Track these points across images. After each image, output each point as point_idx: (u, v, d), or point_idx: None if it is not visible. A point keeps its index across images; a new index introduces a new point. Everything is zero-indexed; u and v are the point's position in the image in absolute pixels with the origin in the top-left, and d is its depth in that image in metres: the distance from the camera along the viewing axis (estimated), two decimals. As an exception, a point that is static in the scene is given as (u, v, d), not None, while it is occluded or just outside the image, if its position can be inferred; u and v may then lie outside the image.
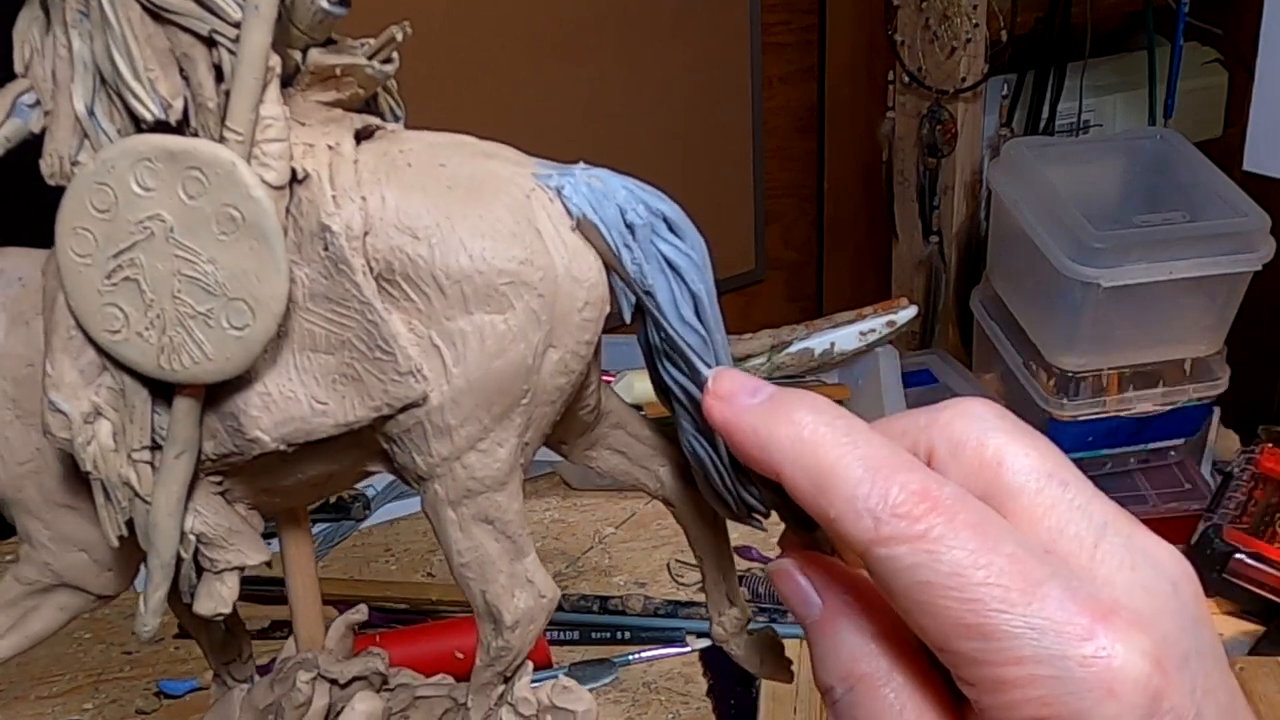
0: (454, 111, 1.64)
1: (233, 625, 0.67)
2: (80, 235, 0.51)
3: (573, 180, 0.54)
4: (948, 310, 1.86)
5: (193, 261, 0.50)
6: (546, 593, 0.58)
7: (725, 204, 1.98)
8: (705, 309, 0.55)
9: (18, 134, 0.53)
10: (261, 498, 0.58)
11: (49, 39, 0.52)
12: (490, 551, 0.56)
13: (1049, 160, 1.60)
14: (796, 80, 2.02)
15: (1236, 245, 1.45)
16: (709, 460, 0.56)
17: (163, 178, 0.49)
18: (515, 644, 0.58)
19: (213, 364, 0.51)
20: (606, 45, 1.76)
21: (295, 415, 0.53)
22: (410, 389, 0.52)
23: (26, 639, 0.61)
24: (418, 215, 0.52)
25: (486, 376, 0.52)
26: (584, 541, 1.02)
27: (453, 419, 0.53)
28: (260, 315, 0.50)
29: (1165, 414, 1.56)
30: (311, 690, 0.64)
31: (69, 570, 0.59)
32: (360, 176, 0.52)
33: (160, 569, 0.55)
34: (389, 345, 0.52)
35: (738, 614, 0.65)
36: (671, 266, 0.54)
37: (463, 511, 0.55)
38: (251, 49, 0.49)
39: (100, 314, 0.51)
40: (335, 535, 1.04)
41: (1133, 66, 1.84)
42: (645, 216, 0.53)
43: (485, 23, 1.64)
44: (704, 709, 0.83)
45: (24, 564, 0.59)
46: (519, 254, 0.52)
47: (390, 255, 0.52)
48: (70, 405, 0.52)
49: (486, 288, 0.52)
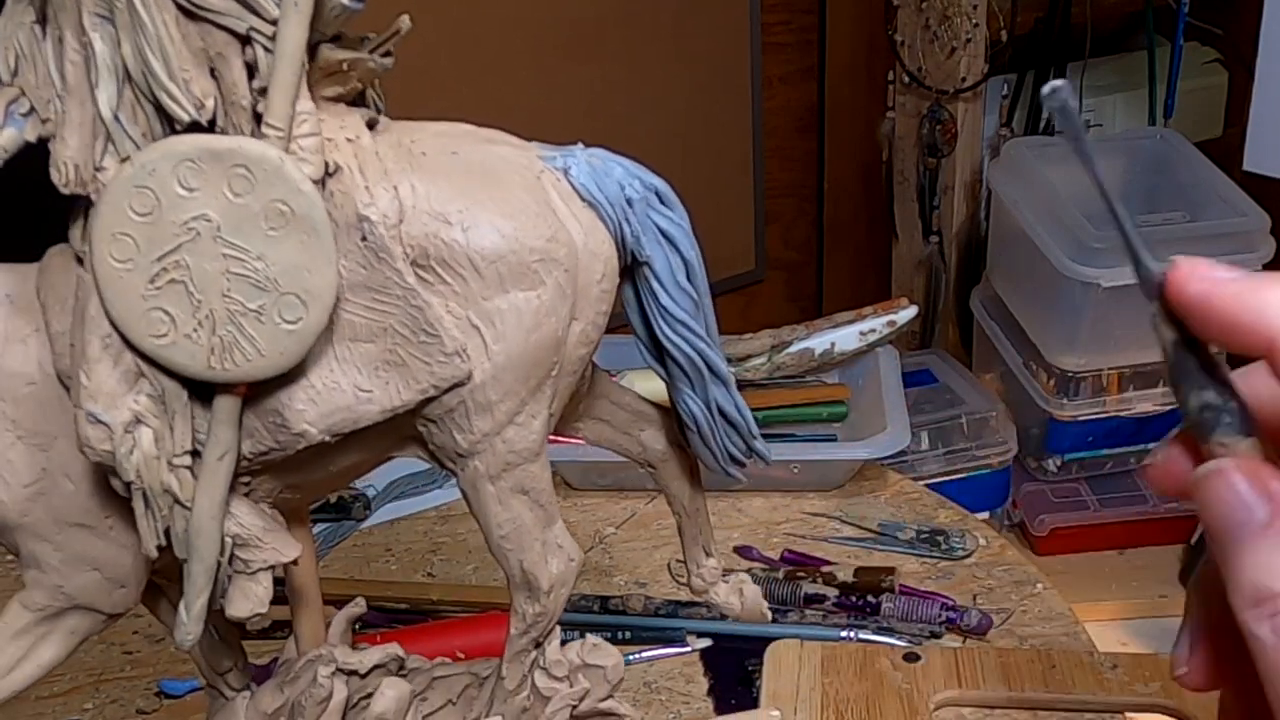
0: (455, 110, 1.63)
1: (225, 634, 0.66)
2: (120, 241, 0.50)
3: (576, 160, 0.57)
4: (948, 310, 1.86)
5: (241, 259, 0.50)
6: (575, 556, 0.61)
7: (725, 204, 1.98)
8: (695, 273, 0.58)
9: (14, 143, 0.51)
10: (283, 495, 0.58)
11: (45, 44, 0.51)
12: (526, 521, 0.58)
13: (1049, 160, 1.60)
14: (796, 80, 2.02)
15: (1236, 245, 1.45)
16: (703, 416, 0.62)
17: (208, 177, 0.49)
18: (550, 608, 0.61)
19: (265, 360, 0.51)
20: (607, 45, 1.76)
21: (341, 405, 0.54)
22: (457, 369, 0.54)
23: (39, 668, 0.60)
24: (447, 201, 0.53)
25: (525, 351, 0.55)
26: (584, 541, 1.02)
27: (494, 395, 0.55)
28: (313, 307, 0.51)
29: (1165, 414, 1.56)
30: (333, 684, 0.63)
31: (81, 591, 0.58)
32: (385, 166, 0.53)
33: (204, 574, 0.55)
34: (434, 328, 0.53)
35: (714, 564, 0.69)
36: (665, 236, 0.57)
37: (501, 485, 0.57)
38: (290, 45, 0.49)
39: (144, 319, 0.51)
40: (335, 535, 1.04)
41: (1133, 66, 1.84)
42: (641, 191, 0.56)
43: (486, 22, 1.64)
44: (704, 709, 0.83)
45: (32, 590, 0.57)
46: (545, 232, 0.54)
47: (425, 241, 0.53)
48: (111, 415, 0.52)
49: (520, 266, 0.54)
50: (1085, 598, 1.45)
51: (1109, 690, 0.76)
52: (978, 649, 0.82)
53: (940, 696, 0.77)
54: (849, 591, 0.91)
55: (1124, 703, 0.76)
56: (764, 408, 1.09)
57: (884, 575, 0.92)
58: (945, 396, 1.60)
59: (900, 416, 1.05)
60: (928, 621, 0.88)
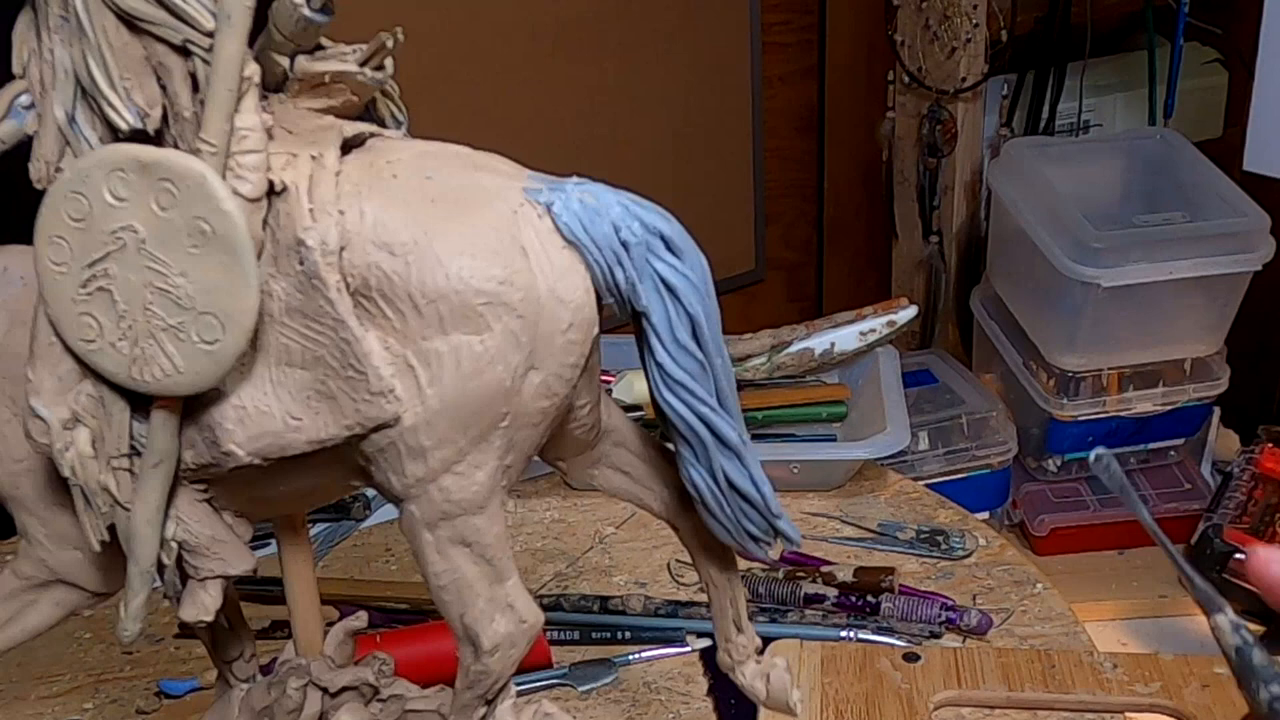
0: (454, 111, 1.65)
1: (236, 624, 0.67)
2: (56, 244, 0.51)
3: (564, 196, 0.52)
4: (948, 310, 1.86)
5: (164, 274, 0.50)
6: (528, 618, 0.56)
7: (725, 204, 1.98)
8: (704, 332, 0.53)
9: (13, 135, 0.53)
10: (248, 506, 0.58)
11: (41, 43, 0.52)
12: (468, 575, 0.55)
13: (1049, 160, 1.60)
14: (796, 80, 2.02)
15: (1236, 245, 1.45)
16: (708, 490, 0.55)
17: (135, 189, 0.49)
18: (494, 668, 0.57)
19: (184, 377, 0.50)
20: (606, 45, 1.76)
21: (269, 430, 0.52)
22: (381, 410, 0.51)
23: (24, 632, 0.61)
24: (396, 231, 0.50)
25: (462, 398, 0.51)
26: (584, 541, 1.02)
27: (427, 441, 0.52)
28: (230, 330, 0.50)
29: (1165, 414, 1.56)
30: (303, 697, 0.64)
31: (64, 567, 0.59)
32: (341, 189, 0.51)
33: (139, 575, 0.55)
34: (361, 364, 0.51)
35: (745, 641, 0.64)
36: (668, 287, 0.52)
37: (439, 534, 0.54)
38: (224, 59, 0.48)
39: (76, 323, 0.51)
40: (335, 535, 1.04)
41: (1133, 66, 1.84)
42: (640, 234, 0.52)
43: (486, 23, 1.64)
44: (704, 709, 0.83)
45: (22, 559, 0.60)
46: (498, 273, 0.50)
47: (367, 271, 0.50)
48: (49, 411, 0.52)
49: (463, 308, 0.50)
50: (1085, 598, 1.45)
51: (1108, 690, 0.76)
52: (977, 649, 0.82)
53: (940, 696, 0.77)
54: (849, 591, 0.91)
55: (1124, 703, 0.76)
56: (764, 408, 1.09)
57: (884, 575, 0.92)
58: (945, 396, 1.60)
59: (900, 416, 1.05)
60: (927, 621, 0.88)
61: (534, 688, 0.85)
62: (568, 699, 0.85)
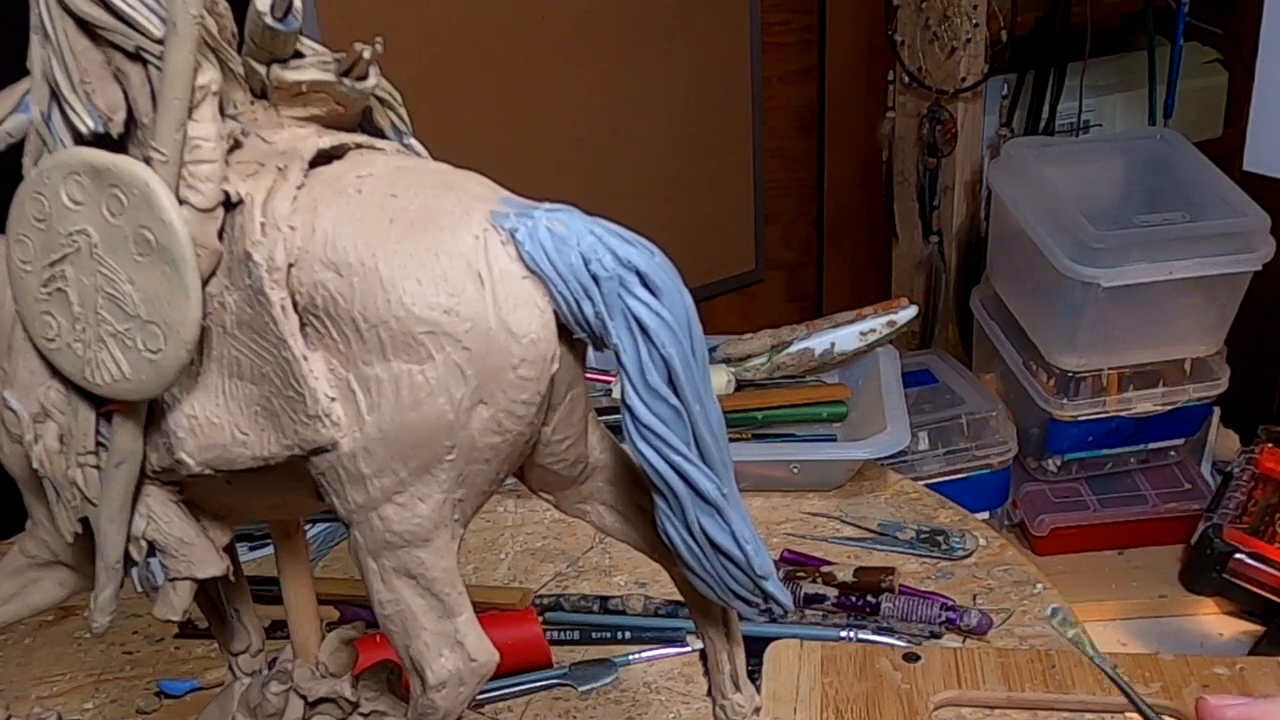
0: (455, 111, 1.65)
1: (245, 617, 0.68)
2: (21, 242, 0.51)
3: (530, 223, 0.49)
4: (948, 310, 1.86)
5: (113, 280, 0.50)
6: (479, 656, 0.54)
7: (725, 204, 1.98)
8: (679, 377, 0.49)
9: (20, 129, 0.53)
10: (224, 511, 0.58)
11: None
12: (413, 607, 0.53)
13: (1049, 160, 1.60)
14: (796, 80, 2.02)
15: (1236, 245, 1.45)
16: (684, 545, 0.52)
17: (90, 193, 0.49)
18: (441, 705, 0.54)
19: (130, 383, 0.50)
20: (606, 45, 1.76)
21: (218, 442, 0.52)
22: (317, 433, 0.50)
23: (28, 608, 0.62)
24: (345, 250, 0.49)
25: (401, 428, 0.49)
26: (584, 541, 1.02)
27: (366, 468, 0.50)
28: (171, 341, 0.49)
29: (1165, 414, 1.56)
30: (284, 703, 0.64)
31: (64, 551, 0.60)
32: (298, 204, 0.50)
33: (105, 571, 0.56)
34: (300, 385, 0.49)
35: (743, 701, 0.61)
36: (640, 326, 0.49)
37: (383, 563, 0.52)
38: (173, 68, 0.48)
39: (39, 320, 0.52)
40: (335, 535, 1.04)
41: (1133, 66, 1.84)
42: (612, 267, 0.48)
43: (486, 23, 1.64)
44: (704, 709, 0.83)
45: (28, 538, 0.61)
46: (443, 301, 0.48)
47: (314, 290, 0.49)
48: (21, 404, 0.53)
49: (404, 335, 0.48)
50: (1085, 598, 1.45)
51: (1109, 690, 0.76)
52: (977, 649, 0.82)
53: (940, 697, 0.77)
54: (849, 591, 0.91)
55: (1123, 703, 0.76)
56: (764, 408, 1.09)
57: (884, 575, 0.92)
58: (945, 396, 1.60)
59: (900, 416, 1.05)
60: (928, 621, 0.88)
61: (534, 688, 0.85)
62: (568, 699, 0.85)
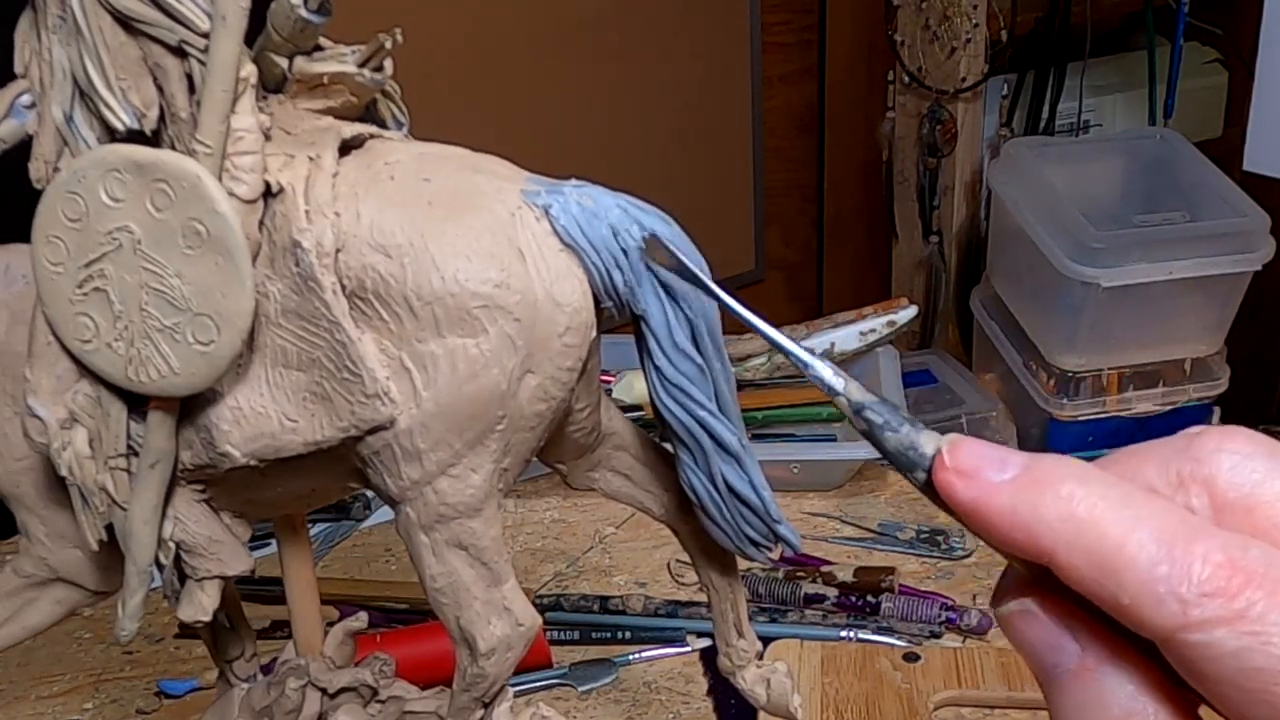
0: (455, 111, 1.65)
1: (237, 623, 0.67)
2: (53, 244, 0.50)
3: (561, 199, 0.52)
4: (948, 310, 1.86)
5: (160, 275, 0.49)
6: (525, 620, 0.56)
7: (725, 204, 1.98)
8: (703, 336, 0.52)
9: (14, 135, 0.53)
10: (247, 507, 0.58)
11: (41, 43, 0.52)
12: (464, 578, 0.54)
13: (1049, 160, 1.60)
14: (796, 80, 2.02)
15: (1236, 245, 1.45)
16: (707, 495, 0.55)
17: (131, 189, 0.49)
18: (491, 671, 0.56)
19: (179, 378, 0.50)
20: (607, 45, 1.76)
21: (265, 431, 0.52)
22: (377, 412, 0.51)
23: (24, 630, 0.61)
24: (392, 233, 0.50)
25: (457, 401, 0.51)
26: (584, 541, 1.02)
27: (422, 443, 0.51)
28: (225, 331, 0.49)
29: (1165, 414, 1.56)
30: (301, 698, 0.64)
31: (64, 566, 0.59)
32: (338, 190, 0.51)
33: (137, 575, 0.55)
34: (356, 366, 0.50)
35: (746, 646, 0.63)
36: (666, 290, 0.52)
37: (435, 536, 0.54)
38: (220, 61, 0.48)
39: (73, 322, 0.51)
40: (335, 535, 1.04)
41: (1133, 66, 1.84)
42: (639, 238, 0.51)
43: (486, 23, 1.64)
44: (704, 709, 0.83)
45: (22, 557, 0.60)
46: (494, 276, 0.50)
47: (363, 273, 0.50)
48: (47, 411, 0.52)
49: (459, 310, 0.50)
50: (1085, 598, 1.45)
51: (1109, 690, 0.76)
52: (978, 649, 0.82)
53: (940, 696, 0.77)
54: (849, 591, 0.91)
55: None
56: (764, 408, 1.09)
57: (884, 575, 0.92)
58: (945, 396, 1.60)
59: (900, 416, 1.05)
60: (927, 621, 0.88)
61: (534, 688, 0.85)
62: (568, 699, 0.85)
